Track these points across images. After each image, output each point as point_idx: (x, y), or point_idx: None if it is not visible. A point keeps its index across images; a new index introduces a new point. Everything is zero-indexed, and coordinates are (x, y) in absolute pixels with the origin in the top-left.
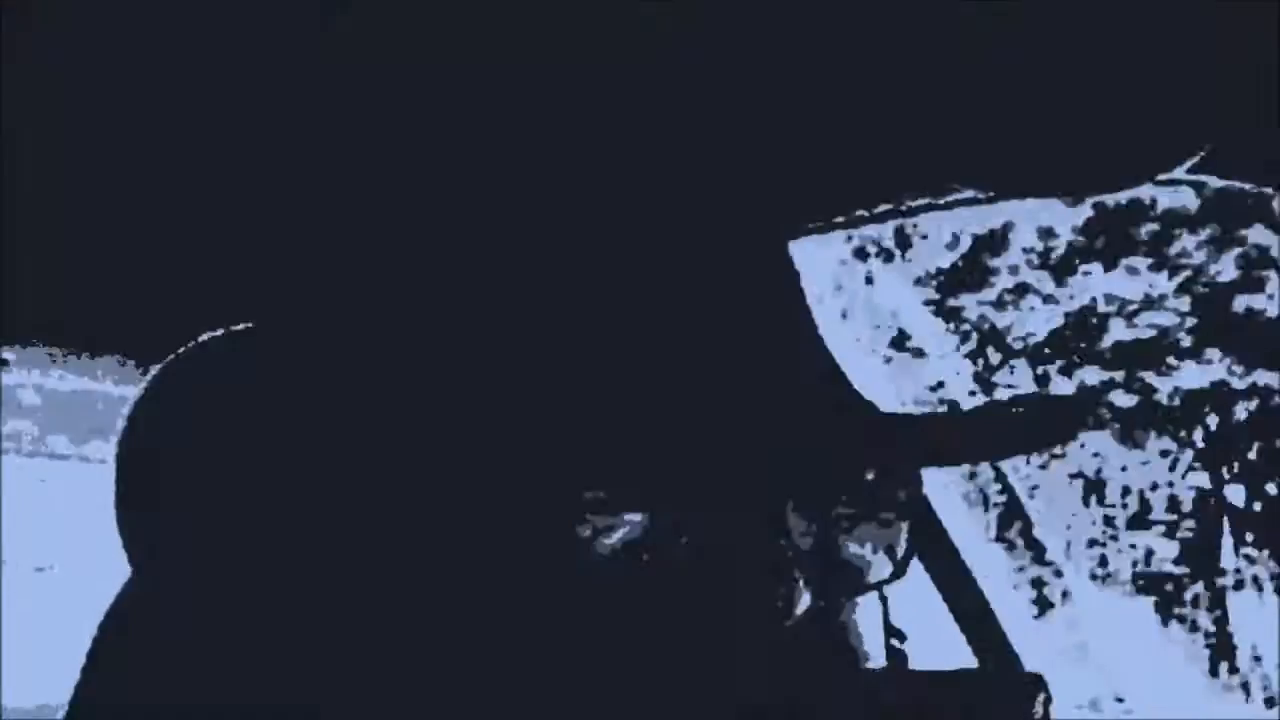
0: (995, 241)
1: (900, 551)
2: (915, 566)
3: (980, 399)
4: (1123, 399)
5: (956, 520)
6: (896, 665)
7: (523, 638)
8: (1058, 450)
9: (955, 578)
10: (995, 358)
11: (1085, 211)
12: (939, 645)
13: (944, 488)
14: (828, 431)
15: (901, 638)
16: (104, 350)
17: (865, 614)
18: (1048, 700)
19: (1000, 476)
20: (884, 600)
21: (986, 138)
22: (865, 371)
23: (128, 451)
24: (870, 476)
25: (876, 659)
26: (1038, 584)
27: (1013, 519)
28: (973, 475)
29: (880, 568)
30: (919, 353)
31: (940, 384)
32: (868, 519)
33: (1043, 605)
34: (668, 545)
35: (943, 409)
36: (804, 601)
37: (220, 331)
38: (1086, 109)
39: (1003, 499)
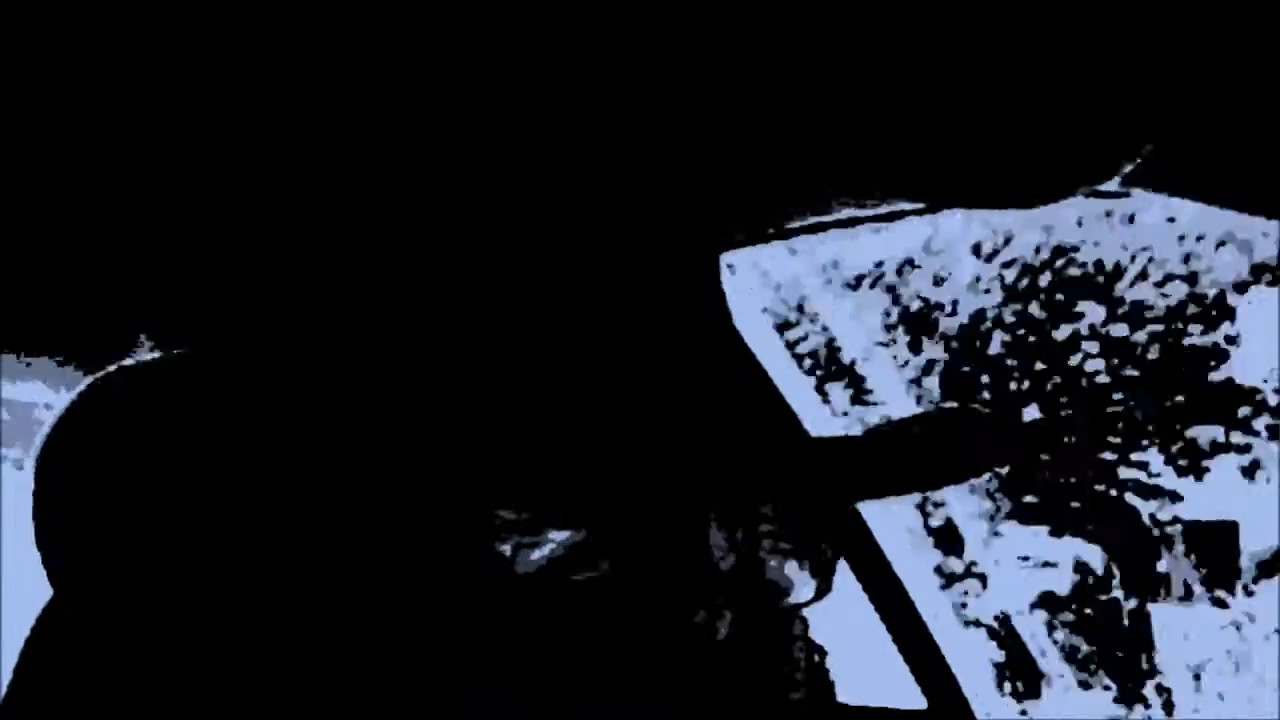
0: None
1: (824, 571)
2: (851, 584)
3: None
4: None
5: (891, 536)
6: (816, 691)
7: (443, 654)
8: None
9: (889, 595)
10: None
11: None
12: (871, 663)
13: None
14: (752, 453)
15: (822, 653)
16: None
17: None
18: None
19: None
20: (804, 620)
21: (918, 150)
22: (798, 388)
23: (47, 472)
24: (794, 498)
25: (800, 678)
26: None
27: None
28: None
29: (804, 588)
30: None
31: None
32: (791, 539)
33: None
34: (591, 564)
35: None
36: (727, 623)
37: (143, 357)
38: (1017, 121)
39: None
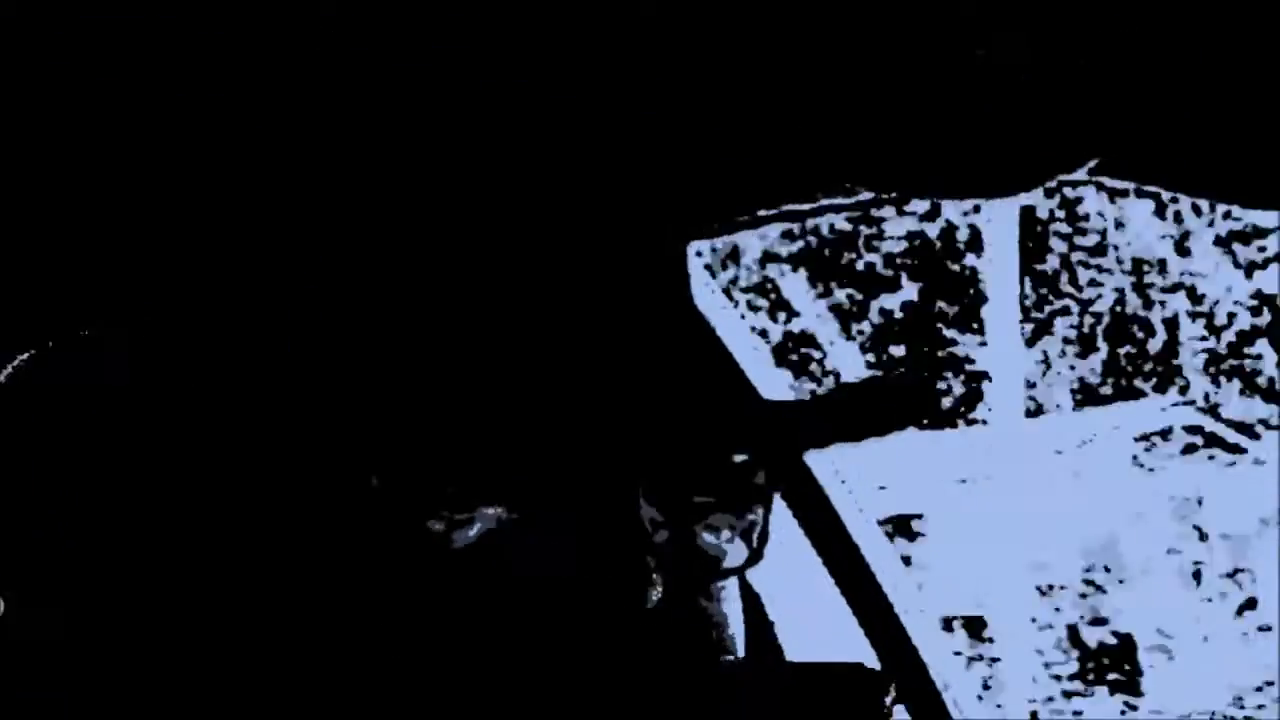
0: None
1: (757, 537)
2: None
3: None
4: None
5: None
6: (754, 655)
7: (378, 634)
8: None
9: (844, 560)
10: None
11: None
12: (827, 629)
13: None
14: (685, 418)
15: (770, 627)
16: None
17: (730, 601)
18: (896, 697)
19: None
20: (746, 585)
21: (885, 138)
22: (756, 358)
23: None
24: (734, 461)
25: (739, 646)
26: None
27: None
28: None
29: (736, 554)
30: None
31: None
32: (724, 505)
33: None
34: (522, 538)
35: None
36: (658, 590)
37: (55, 342)
38: (987, 109)
39: None
